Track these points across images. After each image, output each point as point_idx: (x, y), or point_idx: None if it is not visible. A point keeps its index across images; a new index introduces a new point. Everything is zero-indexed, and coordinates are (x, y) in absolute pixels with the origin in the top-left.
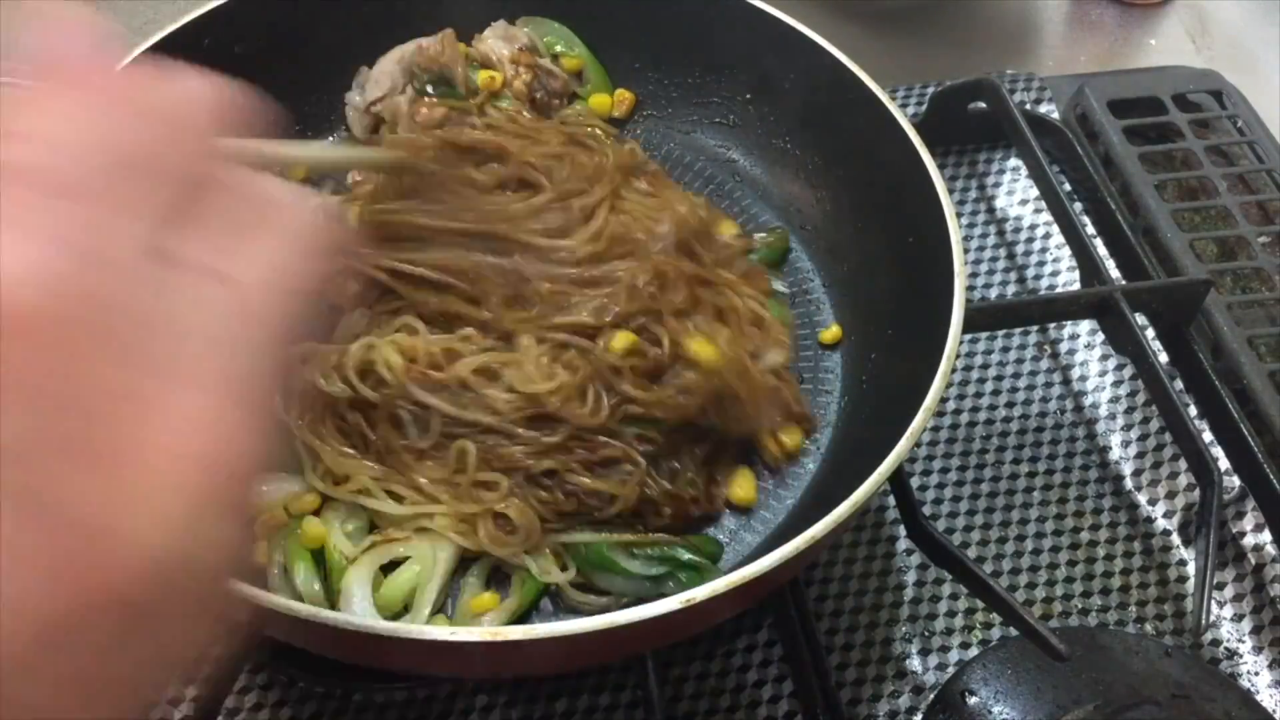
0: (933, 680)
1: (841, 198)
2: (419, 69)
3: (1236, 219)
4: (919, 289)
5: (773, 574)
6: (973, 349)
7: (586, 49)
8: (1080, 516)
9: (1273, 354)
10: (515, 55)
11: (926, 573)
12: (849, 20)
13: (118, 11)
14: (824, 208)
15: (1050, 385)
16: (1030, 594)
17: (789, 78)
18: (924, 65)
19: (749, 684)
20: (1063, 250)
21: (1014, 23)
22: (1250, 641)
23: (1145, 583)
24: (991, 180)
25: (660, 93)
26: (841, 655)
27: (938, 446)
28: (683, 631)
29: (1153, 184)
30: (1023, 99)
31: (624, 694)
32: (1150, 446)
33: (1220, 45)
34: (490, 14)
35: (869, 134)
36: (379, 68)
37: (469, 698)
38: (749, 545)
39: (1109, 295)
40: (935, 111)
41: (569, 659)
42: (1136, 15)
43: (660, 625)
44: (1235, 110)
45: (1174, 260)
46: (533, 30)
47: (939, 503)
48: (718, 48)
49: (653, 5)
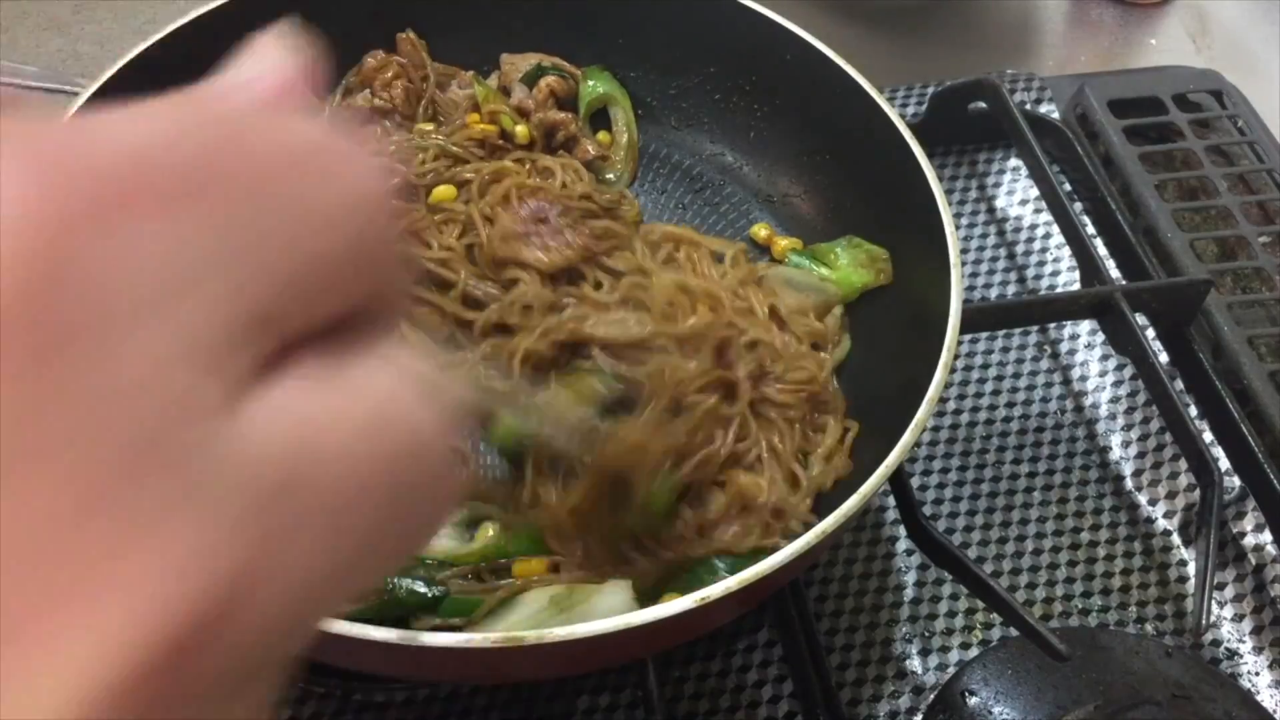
0: (933, 680)
1: (839, 197)
2: (354, 84)
3: (1237, 219)
4: (917, 288)
5: (776, 574)
6: (973, 349)
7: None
8: (1080, 516)
9: (1273, 354)
10: (533, 102)
11: (926, 573)
12: (849, 20)
13: (118, 12)
14: (820, 207)
15: (1050, 385)
16: (1030, 594)
17: (783, 78)
18: (924, 65)
19: (749, 684)
20: (1063, 250)
21: (1014, 23)
22: (1250, 642)
23: (1145, 583)
24: (991, 180)
25: (652, 93)
26: (841, 655)
27: (938, 446)
28: (686, 634)
29: (1153, 184)
30: (1023, 99)
31: (624, 694)
32: (1150, 446)
33: (1220, 45)
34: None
35: (864, 134)
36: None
37: (469, 698)
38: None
39: (1109, 295)
40: (935, 111)
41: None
42: (1136, 15)
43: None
44: (1235, 110)
45: (1174, 260)
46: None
47: (939, 503)
48: (710, 48)
49: (646, 5)
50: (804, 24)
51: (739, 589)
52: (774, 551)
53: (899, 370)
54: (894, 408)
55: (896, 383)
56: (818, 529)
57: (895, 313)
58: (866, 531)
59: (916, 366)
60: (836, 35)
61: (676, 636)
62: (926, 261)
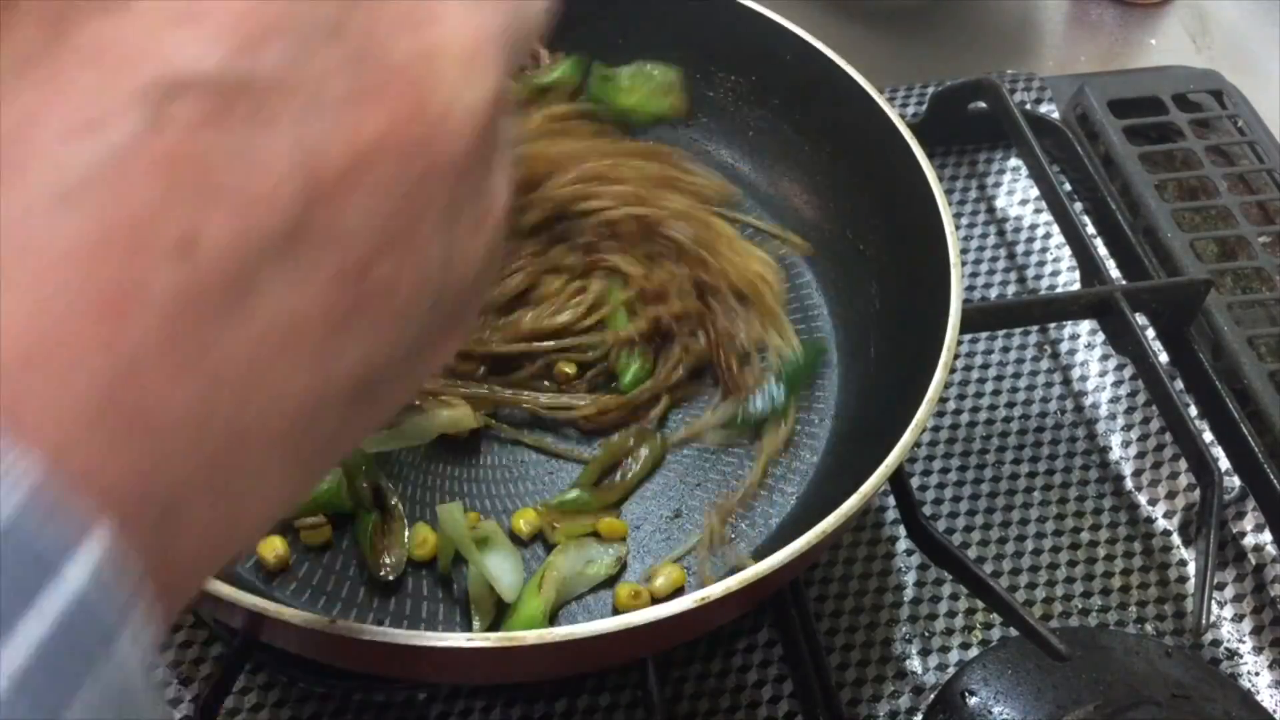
0: (933, 680)
1: (838, 197)
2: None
3: (1237, 219)
4: (917, 288)
5: (776, 574)
6: (973, 349)
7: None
8: (1080, 516)
9: (1273, 354)
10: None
11: (926, 573)
12: (849, 20)
13: None
14: (820, 207)
15: (1050, 385)
16: (1030, 594)
17: (783, 78)
18: (924, 65)
19: (749, 684)
20: (1063, 250)
21: (1014, 23)
22: (1250, 641)
23: (1145, 583)
24: (991, 180)
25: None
26: (841, 655)
27: (938, 446)
28: (686, 634)
29: (1153, 184)
30: (1023, 99)
31: (624, 694)
32: (1150, 446)
33: (1220, 45)
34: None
35: (864, 134)
36: None
37: (469, 698)
38: (752, 543)
39: (1109, 295)
40: (935, 112)
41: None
42: (1136, 15)
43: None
44: (1236, 110)
45: (1174, 260)
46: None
47: (939, 503)
48: (710, 48)
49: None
50: (804, 24)
51: (739, 589)
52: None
53: (899, 370)
54: (894, 408)
55: (896, 382)
56: (818, 529)
57: (895, 312)
58: (866, 531)
59: (916, 366)
60: (836, 35)
61: (676, 636)
62: (926, 261)
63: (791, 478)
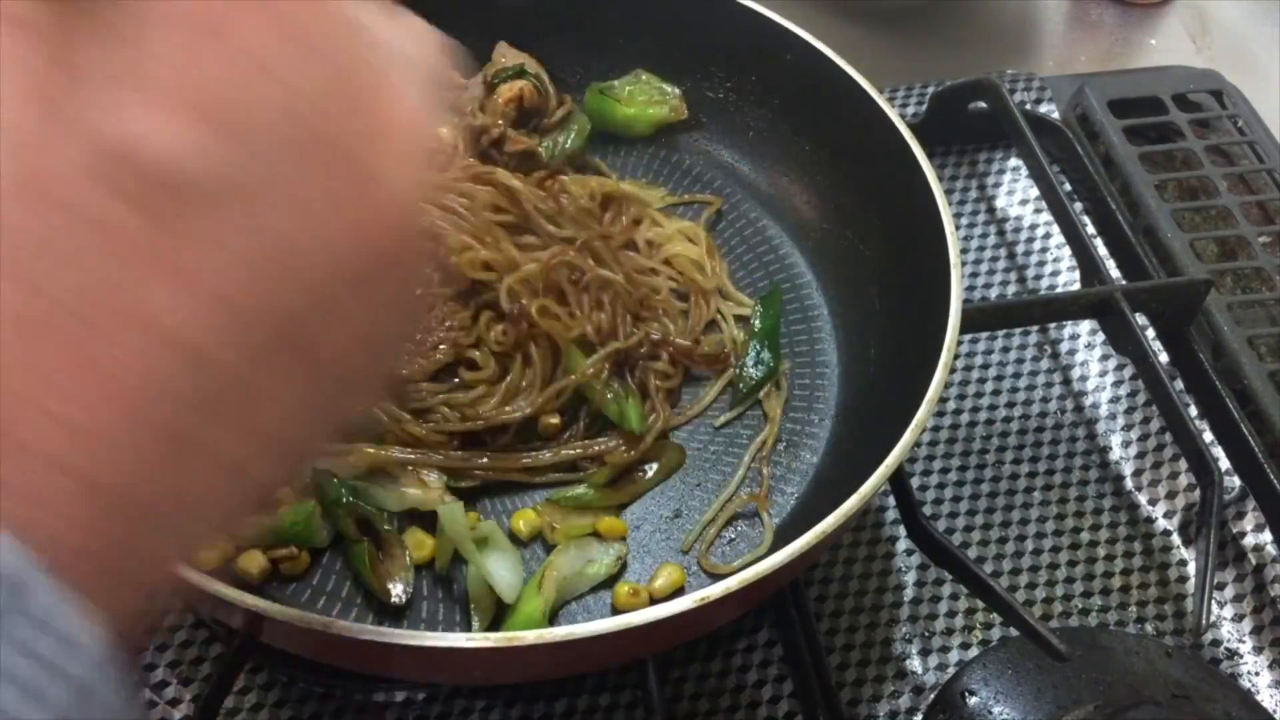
0: (933, 680)
1: (838, 196)
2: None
3: (1237, 219)
4: (917, 288)
5: (776, 574)
6: (973, 349)
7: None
8: (1080, 516)
9: (1273, 354)
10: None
11: (926, 573)
12: (849, 20)
13: None
14: (819, 207)
15: (1050, 385)
16: (1030, 594)
17: (783, 78)
18: (924, 65)
19: (749, 684)
20: (1063, 250)
21: (1014, 23)
22: (1250, 641)
23: (1145, 583)
24: (991, 180)
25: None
26: (841, 655)
27: (938, 446)
28: (686, 634)
29: (1153, 184)
30: (1023, 99)
31: (624, 694)
32: (1150, 446)
33: (1220, 45)
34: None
35: (864, 134)
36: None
37: (468, 698)
38: (752, 543)
39: (1109, 295)
40: (935, 111)
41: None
42: (1136, 15)
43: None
44: (1235, 110)
45: (1174, 260)
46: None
47: (939, 503)
48: (710, 48)
49: (645, 5)
50: (804, 24)
51: (739, 589)
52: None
53: (899, 370)
54: (894, 408)
55: (896, 382)
56: (818, 529)
57: (895, 312)
58: (866, 531)
59: (916, 366)
60: (836, 35)
61: (676, 636)
62: (926, 261)
63: (791, 478)
